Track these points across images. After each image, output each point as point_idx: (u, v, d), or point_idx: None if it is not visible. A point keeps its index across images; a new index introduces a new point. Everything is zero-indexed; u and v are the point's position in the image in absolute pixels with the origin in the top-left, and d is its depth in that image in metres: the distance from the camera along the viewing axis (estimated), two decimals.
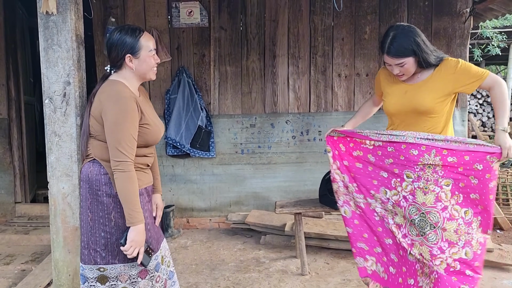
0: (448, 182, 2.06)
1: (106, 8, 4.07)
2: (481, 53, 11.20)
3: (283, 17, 4.09)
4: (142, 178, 1.88)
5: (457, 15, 4.00)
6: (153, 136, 1.86)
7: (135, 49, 1.79)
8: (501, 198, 4.59)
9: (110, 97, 1.75)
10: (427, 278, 2.12)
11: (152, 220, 1.96)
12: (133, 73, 1.84)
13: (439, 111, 2.16)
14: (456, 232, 2.05)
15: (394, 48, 2.09)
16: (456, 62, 2.13)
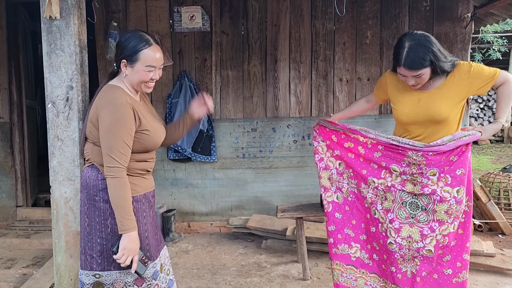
0: (434, 172, 2.14)
1: (108, 13, 4.09)
2: (482, 57, 11.21)
3: (284, 22, 4.10)
4: (141, 184, 1.86)
5: (458, 20, 4.01)
6: (152, 142, 1.85)
7: (132, 58, 1.77)
8: (503, 203, 4.58)
9: (105, 103, 1.74)
10: (411, 262, 2.22)
11: (152, 228, 1.93)
12: (126, 80, 1.83)
13: (454, 118, 2.14)
14: (446, 212, 2.14)
15: (411, 60, 2.01)
16: (469, 66, 2.11)
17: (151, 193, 1.97)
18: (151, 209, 1.94)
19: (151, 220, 1.93)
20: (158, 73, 1.85)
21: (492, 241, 4.12)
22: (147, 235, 1.86)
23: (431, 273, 2.20)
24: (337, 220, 2.49)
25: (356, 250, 2.44)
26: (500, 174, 4.80)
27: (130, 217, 1.72)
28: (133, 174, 1.82)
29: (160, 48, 1.86)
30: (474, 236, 4.04)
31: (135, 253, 1.73)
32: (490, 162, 8.91)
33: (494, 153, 10.09)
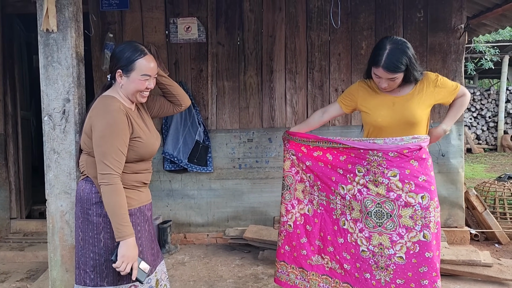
0: (394, 172, 2.20)
1: (104, 24, 4.09)
2: (474, 67, 11.34)
3: (280, 33, 4.12)
4: (136, 197, 1.84)
5: (452, 31, 4.05)
6: (147, 150, 1.83)
7: (128, 68, 1.79)
8: (498, 212, 4.59)
9: (99, 111, 1.74)
10: (384, 271, 2.26)
11: (148, 242, 1.90)
12: (122, 90, 1.83)
13: (424, 121, 2.28)
14: (411, 218, 2.20)
15: (390, 62, 2.12)
16: (436, 76, 2.29)
17: (147, 206, 1.94)
18: (146, 223, 1.90)
19: (147, 234, 1.90)
20: (153, 83, 1.86)
21: (488, 250, 4.12)
22: (141, 249, 1.83)
23: (408, 281, 2.21)
24: (309, 233, 2.55)
25: (327, 261, 2.49)
26: (495, 183, 4.83)
27: (127, 224, 1.69)
28: (128, 186, 1.80)
29: (154, 58, 1.88)
30: (471, 245, 4.05)
31: (134, 260, 1.71)
32: (485, 171, 8.96)
33: (488, 162, 10.16)
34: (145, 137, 1.83)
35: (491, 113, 11.88)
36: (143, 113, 1.97)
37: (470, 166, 9.48)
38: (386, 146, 2.22)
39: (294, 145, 2.56)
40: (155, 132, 1.95)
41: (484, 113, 11.89)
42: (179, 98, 2.10)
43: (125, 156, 1.73)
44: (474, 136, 11.90)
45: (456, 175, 4.12)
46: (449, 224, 4.15)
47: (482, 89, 12.28)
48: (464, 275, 3.34)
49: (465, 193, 4.37)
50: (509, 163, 9.81)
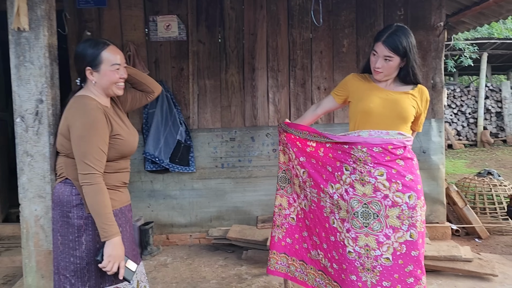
0: (381, 172, 2.18)
1: (81, 22, 4.00)
2: (454, 64, 11.50)
3: (261, 31, 4.09)
4: (117, 197, 1.81)
5: (431, 28, 4.08)
6: (127, 146, 1.82)
7: (95, 62, 1.76)
8: (478, 207, 4.66)
9: (76, 111, 1.71)
10: (370, 272, 2.24)
11: (129, 243, 1.88)
12: (96, 87, 1.80)
13: (409, 122, 2.27)
14: (398, 218, 2.17)
15: (392, 40, 2.12)
16: (429, 100, 2.30)
17: (127, 207, 1.92)
18: (127, 224, 1.89)
19: (128, 235, 1.88)
20: (124, 72, 1.84)
21: (469, 245, 4.18)
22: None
23: (394, 283, 2.19)
24: (308, 227, 2.55)
25: (322, 257, 2.48)
26: (475, 179, 4.90)
27: (112, 223, 1.67)
28: (109, 187, 1.77)
29: (117, 47, 1.85)
30: (451, 241, 4.10)
31: (120, 259, 1.69)
32: (465, 166, 9.11)
33: (468, 157, 10.33)
34: (124, 134, 1.81)
35: (471, 110, 12.08)
36: (118, 110, 1.94)
37: (451, 162, 9.62)
38: (370, 139, 2.19)
39: (290, 139, 2.53)
40: (132, 128, 1.93)
41: (464, 110, 12.08)
42: (148, 85, 2.08)
43: (106, 154, 1.71)
44: (454, 132, 12.08)
45: (437, 172, 4.16)
46: (430, 220, 4.19)
47: (462, 85, 12.48)
48: (445, 271, 3.37)
49: (446, 189, 4.42)
50: (488, 158, 10.00)
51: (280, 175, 2.63)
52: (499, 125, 12.22)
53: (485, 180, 4.80)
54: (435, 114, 4.15)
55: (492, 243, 4.27)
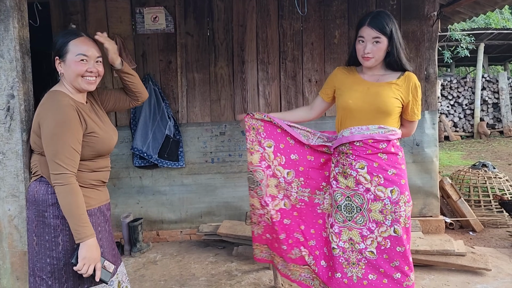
0: (362, 165, 2.15)
1: (66, 15, 3.90)
2: (450, 55, 11.42)
3: (251, 22, 4.00)
4: (95, 196, 1.76)
5: (425, 18, 3.99)
6: (103, 145, 1.75)
7: (62, 52, 1.69)
8: (473, 200, 4.61)
9: (47, 108, 1.64)
10: (356, 266, 2.22)
11: (108, 243, 1.83)
12: (66, 80, 1.73)
13: (395, 114, 2.19)
14: (381, 212, 2.15)
15: (378, 20, 2.08)
16: (418, 85, 2.19)
17: (106, 206, 1.86)
18: (106, 223, 1.83)
19: (107, 235, 1.82)
20: (97, 67, 1.75)
21: (463, 238, 4.14)
22: (102, 250, 1.74)
23: (380, 277, 2.17)
24: (286, 227, 2.46)
25: (305, 254, 2.42)
26: (470, 171, 4.85)
27: (85, 224, 1.61)
28: (86, 185, 1.72)
29: (92, 41, 1.78)
30: (445, 234, 4.05)
31: (96, 260, 1.63)
32: (461, 158, 9.06)
33: (465, 149, 10.28)
34: (100, 131, 1.74)
35: (468, 101, 12.01)
36: (97, 107, 1.88)
37: (447, 154, 9.57)
38: (351, 137, 2.18)
39: (269, 131, 2.42)
40: (111, 126, 1.86)
41: (461, 101, 12.01)
42: (138, 95, 2.03)
43: (79, 153, 1.64)
44: (451, 123, 12.02)
45: (431, 164, 4.10)
46: (424, 214, 4.13)
47: (459, 77, 12.39)
48: (438, 265, 3.32)
49: (440, 182, 4.36)
50: (484, 150, 9.94)
51: (248, 175, 2.52)
52: (496, 116, 12.16)
53: (479, 173, 4.74)
54: (428, 106, 4.08)
55: (486, 236, 4.22)
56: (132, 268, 3.57)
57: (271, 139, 2.44)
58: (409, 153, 4.08)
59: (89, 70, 1.72)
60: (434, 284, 3.09)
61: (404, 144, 4.07)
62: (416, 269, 3.29)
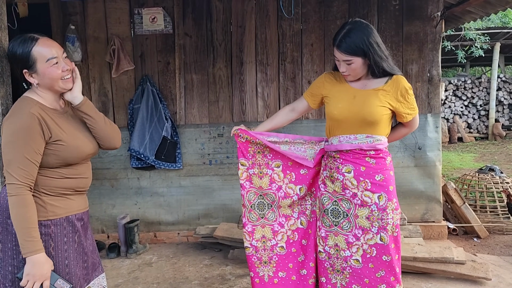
0: (349, 168, 2.10)
1: (65, 15, 3.91)
2: (464, 55, 11.16)
3: (250, 23, 3.95)
4: (63, 205, 1.69)
5: (428, 19, 3.88)
6: (71, 153, 1.66)
7: (29, 63, 1.60)
8: (478, 205, 4.48)
9: (9, 115, 1.60)
10: (340, 274, 2.17)
11: (78, 255, 1.74)
12: (41, 88, 1.66)
13: (383, 123, 2.11)
14: (368, 218, 2.09)
15: (345, 43, 1.99)
16: (408, 87, 2.09)
17: (78, 215, 1.76)
18: (76, 234, 1.74)
19: (76, 247, 1.74)
20: (67, 63, 1.67)
21: (466, 245, 4.03)
22: (67, 263, 1.68)
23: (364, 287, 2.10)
24: (305, 248, 2.34)
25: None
26: (476, 176, 4.71)
27: (31, 239, 1.54)
28: (51, 193, 1.66)
29: (50, 39, 1.67)
30: (447, 241, 3.94)
31: (43, 278, 1.56)
32: (473, 160, 8.85)
33: (478, 151, 10.04)
34: (68, 139, 1.66)
35: (483, 101, 11.73)
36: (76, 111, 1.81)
37: (459, 156, 9.37)
38: (339, 146, 2.13)
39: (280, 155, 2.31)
40: (85, 135, 1.76)
41: (476, 102, 11.74)
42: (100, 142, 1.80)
43: (36, 164, 1.58)
44: (465, 124, 11.76)
45: (433, 169, 3.99)
46: (426, 219, 4.03)
47: (474, 77, 12.11)
48: (436, 273, 3.23)
49: (444, 186, 4.25)
50: (498, 152, 9.69)
51: (255, 202, 2.35)
52: (511, 117, 11.86)
53: (486, 177, 4.60)
54: (431, 108, 3.97)
55: (491, 243, 4.09)
56: (127, 270, 3.57)
57: (279, 159, 2.34)
58: (411, 157, 3.99)
59: (64, 70, 1.65)
60: None
61: (406, 148, 3.97)
62: (414, 276, 3.23)
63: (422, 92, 3.93)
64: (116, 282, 3.34)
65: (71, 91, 1.70)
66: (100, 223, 4.11)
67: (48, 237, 1.64)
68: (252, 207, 2.35)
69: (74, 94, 1.70)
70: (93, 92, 3.99)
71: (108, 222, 4.11)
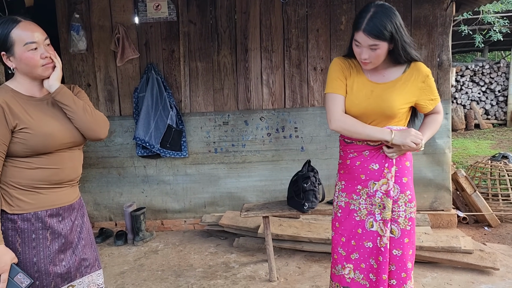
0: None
1: (70, 4, 3.91)
2: (482, 39, 10.83)
3: (254, 9, 3.89)
4: (30, 200, 1.60)
5: (438, 2, 3.76)
6: (39, 142, 1.57)
7: (7, 45, 1.54)
8: (490, 194, 4.37)
9: None
10: None
11: (50, 253, 1.65)
12: (20, 73, 1.60)
13: (401, 117, 1.98)
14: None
15: (373, 25, 1.79)
16: (428, 72, 1.95)
17: (51, 211, 1.65)
18: (48, 231, 1.64)
19: (49, 244, 1.64)
20: (49, 51, 1.60)
21: (477, 233, 3.95)
22: (35, 260, 1.61)
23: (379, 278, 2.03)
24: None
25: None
26: (489, 163, 4.59)
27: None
28: (19, 186, 1.58)
29: (34, 24, 1.60)
30: (457, 229, 3.87)
31: (1, 271, 1.51)
32: (490, 147, 8.65)
33: (495, 138, 9.81)
34: (36, 127, 1.57)
35: (501, 87, 11.41)
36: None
37: (475, 143, 9.16)
38: None
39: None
40: (62, 124, 1.65)
41: (494, 87, 11.42)
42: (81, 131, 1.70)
43: (1, 154, 1.53)
44: (482, 111, 11.48)
45: (443, 156, 3.90)
46: (435, 207, 3.96)
47: (492, 62, 11.77)
48: (443, 263, 3.17)
49: (454, 174, 4.16)
50: None
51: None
52: None
53: (499, 165, 4.48)
54: (441, 94, 3.85)
55: (502, 232, 4.00)
56: (133, 257, 3.61)
57: None
58: None
59: (43, 57, 1.58)
60: (436, 283, 2.95)
61: None
62: (420, 266, 3.18)
63: None
64: (122, 269, 3.38)
65: (48, 79, 1.63)
66: (108, 211, 4.16)
67: (15, 232, 1.59)
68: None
69: (50, 83, 1.63)
70: (99, 81, 4.00)
71: (116, 210, 4.15)
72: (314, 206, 2.99)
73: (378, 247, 2.01)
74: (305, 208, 2.95)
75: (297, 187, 3.03)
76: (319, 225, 3.65)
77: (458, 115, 10.88)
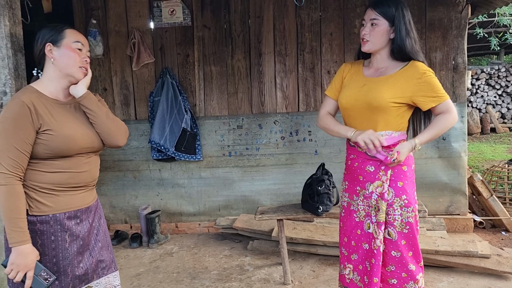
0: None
1: (87, 10, 3.99)
2: (498, 41, 10.71)
3: (268, 13, 3.92)
4: (50, 202, 1.63)
5: (453, 4, 3.74)
6: (61, 144, 1.60)
7: (57, 38, 1.64)
8: (508, 198, 4.31)
9: (6, 105, 1.60)
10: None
11: (68, 255, 1.67)
12: (55, 70, 1.65)
13: (393, 114, 1.95)
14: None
15: (380, 2, 1.93)
16: (426, 70, 1.94)
17: (70, 214, 1.68)
18: (67, 233, 1.67)
19: (67, 246, 1.67)
20: (87, 57, 1.70)
21: (494, 238, 3.89)
22: (55, 261, 1.64)
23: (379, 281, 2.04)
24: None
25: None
26: (506, 167, 4.53)
27: (18, 229, 1.53)
28: (38, 189, 1.61)
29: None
30: (473, 234, 3.82)
31: (27, 268, 1.55)
32: (507, 151, 8.52)
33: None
34: (58, 129, 1.61)
35: None
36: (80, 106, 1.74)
37: (491, 147, 9.03)
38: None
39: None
40: (84, 128, 1.69)
41: (510, 90, 11.26)
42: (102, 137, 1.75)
43: (26, 154, 1.57)
44: (498, 114, 11.32)
45: (458, 160, 3.86)
46: (451, 212, 3.92)
47: (508, 65, 11.62)
48: (459, 267, 3.14)
49: (470, 178, 4.11)
50: None
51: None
52: None
53: None
54: (456, 97, 3.84)
55: None
56: (149, 259, 3.64)
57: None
58: (434, 148, 3.87)
59: (83, 60, 1.68)
60: (452, 287, 2.92)
61: None
62: (436, 270, 3.15)
63: (446, 81, 3.81)
64: (138, 271, 3.42)
65: (76, 84, 1.69)
66: (124, 214, 4.21)
67: (35, 234, 1.61)
68: None
69: (78, 88, 1.69)
70: (115, 85, 4.06)
71: (131, 212, 4.20)
72: (328, 209, 2.99)
73: (371, 249, 2.03)
74: (320, 211, 2.95)
75: (311, 190, 3.03)
76: (334, 228, 3.64)
77: (474, 119, 10.75)
